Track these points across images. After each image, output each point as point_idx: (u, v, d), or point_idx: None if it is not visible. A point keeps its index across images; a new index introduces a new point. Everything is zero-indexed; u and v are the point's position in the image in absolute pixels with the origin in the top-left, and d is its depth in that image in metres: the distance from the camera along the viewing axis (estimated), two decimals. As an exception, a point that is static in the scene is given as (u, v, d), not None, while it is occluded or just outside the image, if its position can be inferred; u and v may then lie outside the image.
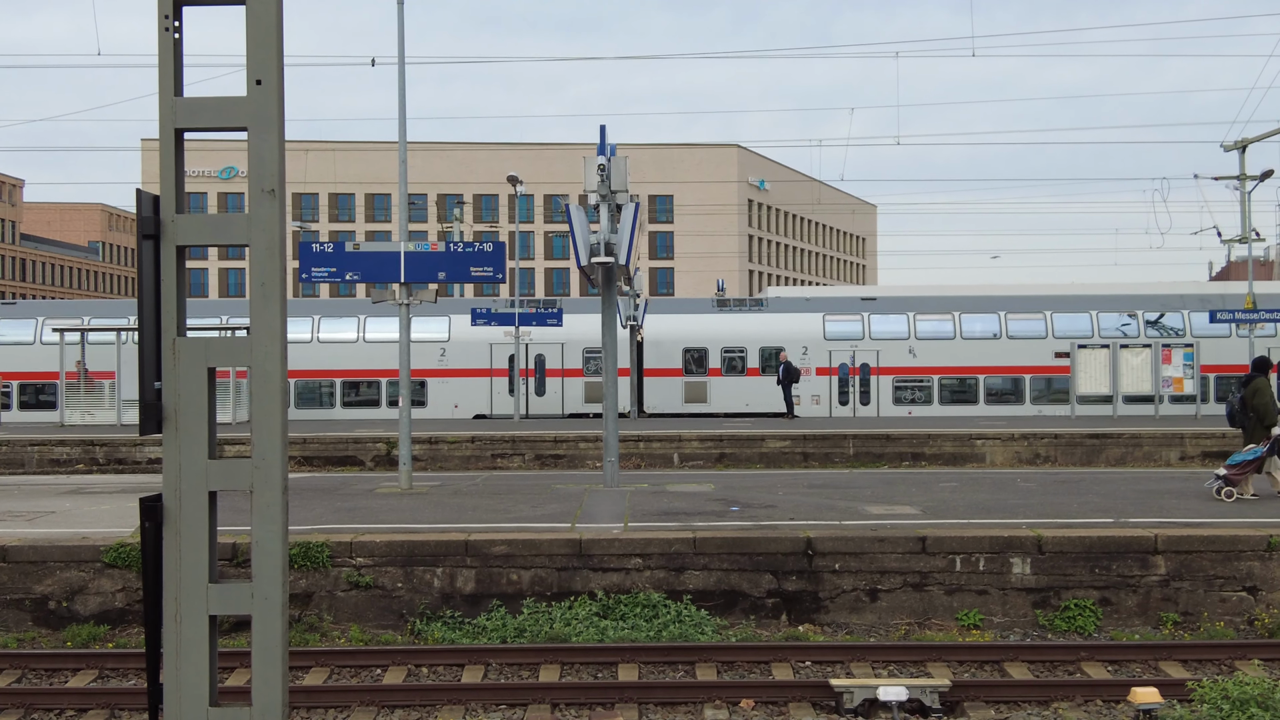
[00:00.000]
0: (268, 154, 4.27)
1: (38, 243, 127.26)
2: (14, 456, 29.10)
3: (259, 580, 4.26)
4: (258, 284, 4.28)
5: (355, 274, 19.14)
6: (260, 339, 4.27)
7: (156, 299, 4.31)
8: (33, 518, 15.44)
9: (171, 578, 4.31)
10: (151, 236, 4.30)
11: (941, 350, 41.37)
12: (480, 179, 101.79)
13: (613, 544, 13.49)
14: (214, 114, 4.31)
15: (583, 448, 30.63)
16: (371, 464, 29.55)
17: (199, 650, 4.31)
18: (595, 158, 18.28)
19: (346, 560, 13.30)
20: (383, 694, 10.81)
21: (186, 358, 4.30)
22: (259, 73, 4.24)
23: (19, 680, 11.53)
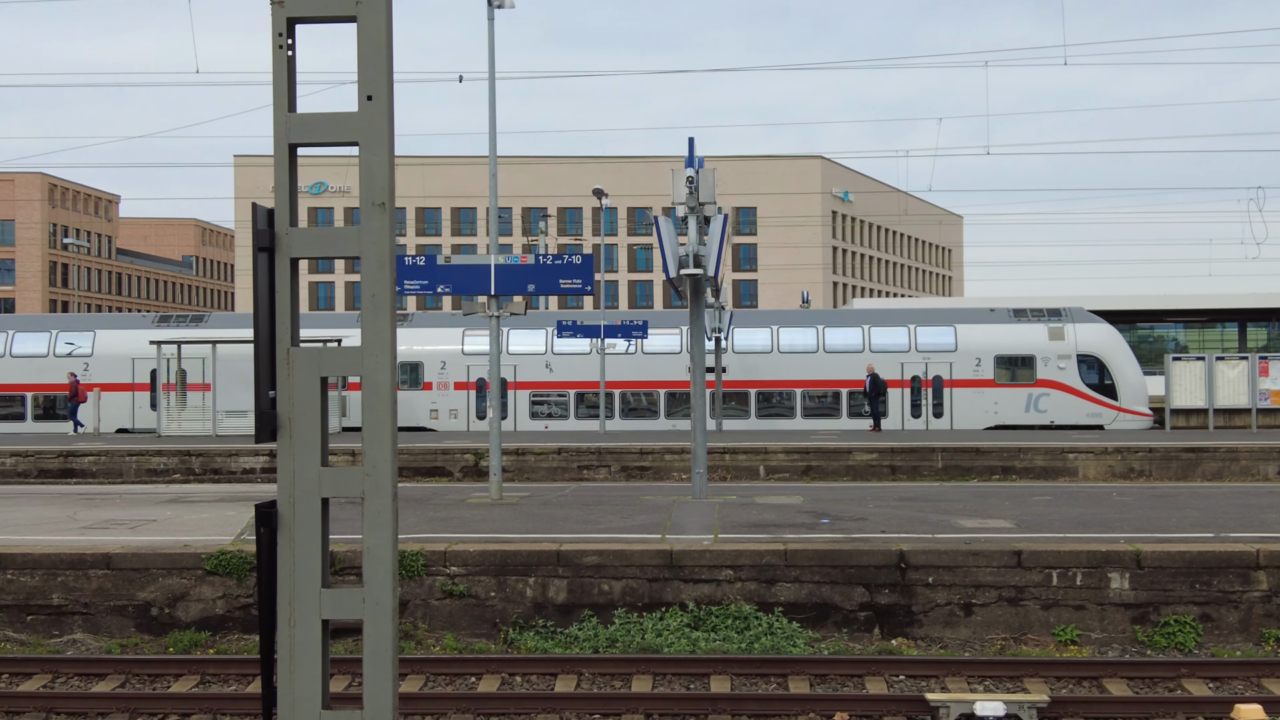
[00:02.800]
0: (378, 168, 4.35)
1: (133, 257, 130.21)
2: (113, 466, 29.77)
3: (370, 586, 4.33)
4: (368, 295, 4.36)
5: (446, 286, 19.37)
6: (371, 349, 4.35)
7: (271, 310, 4.40)
8: (135, 526, 15.80)
9: (285, 583, 4.38)
10: (266, 249, 4.40)
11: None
12: (564, 192, 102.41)
13: (703, 555, 13.50)
14: (326, 129, 4.39)
15: (668, 460, 30.65)
16: (460, 475, 29.82)
17: (311, 654, 4.38)
18: (683, 170, 18.32)
19: (441, 569, 13.45)
20: (478, 701, 10.91)
21: (300, 367, 4.38)
22: (370, 89, 4.32)
23: (123, 685, 11.79)
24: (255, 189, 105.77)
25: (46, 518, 16.72)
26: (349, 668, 11.28)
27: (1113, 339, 40.34)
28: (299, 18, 4.32)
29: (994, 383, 39.12)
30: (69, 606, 13.45)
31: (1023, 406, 39.14)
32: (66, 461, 29.84)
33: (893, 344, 40.30)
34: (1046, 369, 39.38)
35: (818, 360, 40.58)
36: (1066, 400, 39.34)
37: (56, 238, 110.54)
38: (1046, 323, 40.09)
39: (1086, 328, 40.17)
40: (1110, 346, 39.85)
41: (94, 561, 13.51)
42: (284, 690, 4.38)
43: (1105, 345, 39.64)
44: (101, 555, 13.57)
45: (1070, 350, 39.45)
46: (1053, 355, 39.38)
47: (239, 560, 13.51)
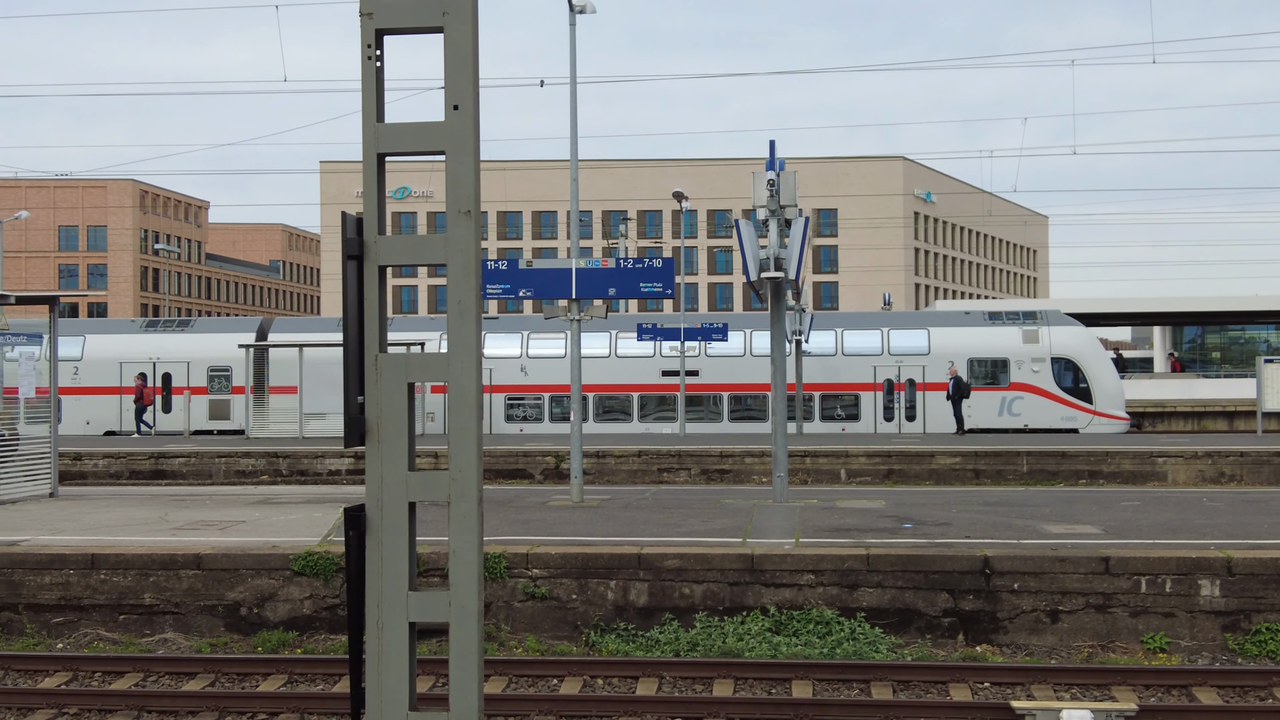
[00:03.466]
0: (464, 176, 4.40)
1: (222, 262, 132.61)
2: (202, 468, 30.35)
3: (456, 589, 4.38)
4: (454, 302, 4.41)
5: (528, 290, 19.51)
6: (457, 355, 4.40)
7: (360, 317, 4.47)
8: (224, 527, 16.10)
9: (373, 585, 4.44)
10: (355, 257, 4.47)
11: None
12: (644, 195, 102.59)
13: (784, 560, 13.46)
14: (413, 139, 4.45)
15: (748, 463, 30.58)
16: (540, 477, 29.99)
17: (399, 656, 4.44)
18: (764, 173, 18.30)
19: (523, 571, 13.54)
20: (560, 704, 10.97)
21: (388, 373, 4.45)
22: (456, 98, 4.38)
23: (213, 684, 12.02)
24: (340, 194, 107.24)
25: (138, 518, 17.10)
26: (433, 668, 11.39)
27: (1088, 342, 39.98)
28: (388, 29, 4.39)
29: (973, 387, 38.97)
30: (160, 606, 13.73)
31: (996, 410, 38.93)
32: (157, 463, 30.47)
33: (866, 347, 40.20)
34: (1020, 372, 39.15)
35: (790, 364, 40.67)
36: (1040, 404, 39.09)
37: (148, 243, 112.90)
38: (1021, 326, 39.91)
39: (1061, 330, 39.70)
40: (1085, 349, 39.46)
41: (185, 562, 13.79)
42: (372, 691, 4.45)
43: (1080, 348, 39.25)
44: (192, 556, 13.85)
45: (1045, 353, 39.12)
46: (1027, 358, 39.10)
47: (326, 561, 13.71)
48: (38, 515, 17.32)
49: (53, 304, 20.28)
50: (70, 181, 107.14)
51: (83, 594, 13.79)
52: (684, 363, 40.03)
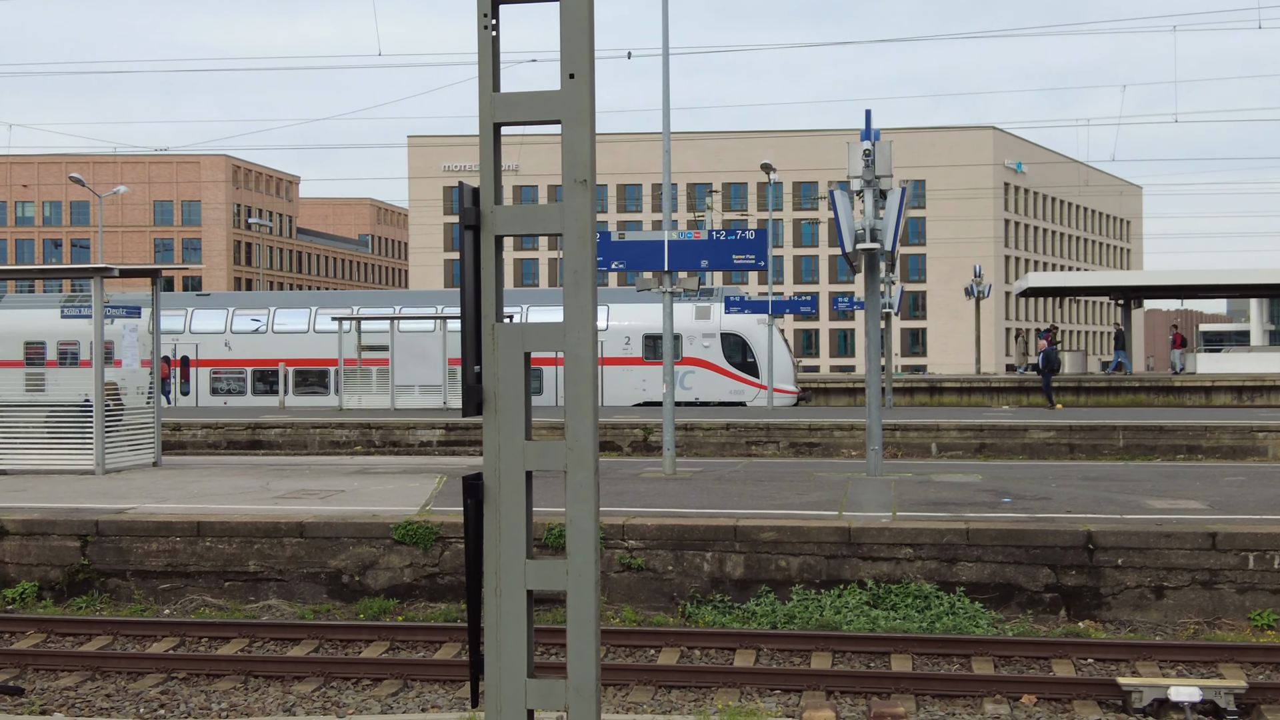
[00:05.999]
0: (580, 145, 4.38)
1: (312, 236, 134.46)
2: (298, 438, 30.85)
3: (573, 557, 4.39)
4: (570, 271, 4.40)
5: (620, 263, 19.50)
6: (573, 324, 4.39)
7: (477, 287, 4.48)
8: (325, 496, 16.35)
9: (491, 553, 4.46)
10: (472, 227, 4.47)
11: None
12: (729, 167, 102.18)
13: (882, 533, 13.36)
14: (529, 108, 4.44)
15: (837, 436, 30.41)
16: (629, 449, 30.08)
17: (517, 623, 4.45)
18: (859, 143, 18.10)
19: (619, 542, 13.59)
20: (659, 674, 11.01)
21: (505, 343, 4.46)
22: (572, 66, 4.35)
23: (317, 650, 12.22)
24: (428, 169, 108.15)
25: (241, 487, 17.42)
26: (541, 638, 11.46)
27: (755, 320, 40.80)
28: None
29: (643, 361, 39.86)
30: (264, 573, 14.00)
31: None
32: (254, 434, 31.02)
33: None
34: (692, 347, 40.50)
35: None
36: (710, 378, 40.36)
37: (240, 218, 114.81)
38: (695, 302, 40.79)
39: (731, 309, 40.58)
40: (753, 327, 40.38)
41: (288, 530, 14.03)
42: (491, 658, 4.47)
43: (747, 326, 40.12)
44: (295, 524, 14.08)
45: (715, 329, 40.52)
46: (698, 334, 40.60)
47: (424, 530, 13.87)
48: (142, 484, 17.72)
49: (154, 277, 20.68)
50: (165, 157, 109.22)
51: (189, 561, 14.09)
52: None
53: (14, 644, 12.49)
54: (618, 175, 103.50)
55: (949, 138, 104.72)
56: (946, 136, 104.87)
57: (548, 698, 4.39)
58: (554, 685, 4.38)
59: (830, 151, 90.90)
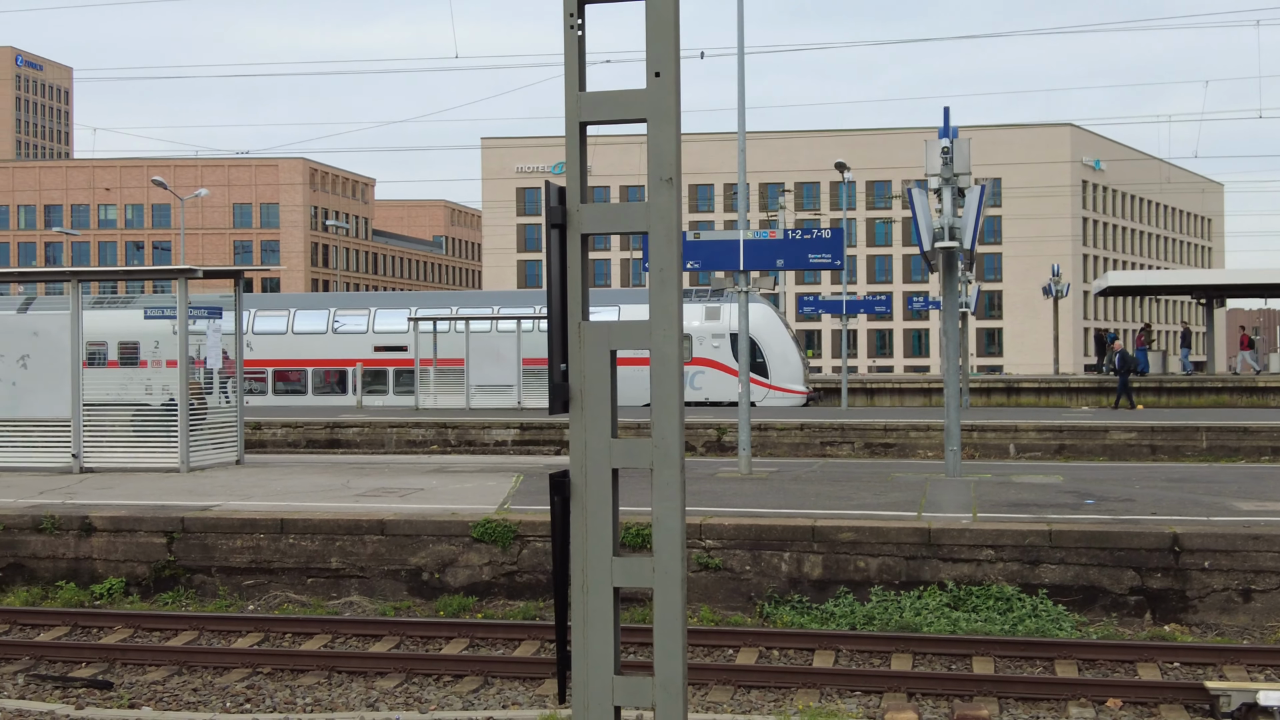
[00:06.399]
0: (665, 144, 4.38)
1: (387, 238, 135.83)
2: (375, 437, 31.20)
3: (659, 555, 4.39)
4: (656, 270, 4.40)
5: (695, 262, 19.48)
6: (659, 322, 4.40)
7: (563, 285, 4.49)
8: (404, 494, 16.51)
9: (578, 550, 4.47)
10: (558, 226, 4.48)
11: None
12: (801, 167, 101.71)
13: (962, 534, 13.23)
14: (614, 107, 4.44)
15: (913, 436, 30.19)
16: (703, 449, 30.06)
17: (604, 620, 4.45)
18: (937, 140, 17.94)
19: (696, 542, 13.59)
20: (738, 674, 10.99)
21: (591, 341, 4.47)
22: (657, 65, 4.35)
23: (398, 646, 12.35)
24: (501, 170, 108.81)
25: (322, 485, 17.64)
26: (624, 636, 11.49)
27: (765, 319, 41.27)
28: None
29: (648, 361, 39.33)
30: (346, 570, 14.16)
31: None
32: (332, 433, 31.43)
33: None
34: (702, 348, 41.04)
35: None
36: (720, 378, 40.41)
37: (318, 219, 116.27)
38: (705, 303, 41.56)
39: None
40: (763, 328, 40.57)
41: (369, 528, 14.19)
42: (578, 655, 4.48)
43: (759, 326, 39.68)
44: (376, 522, 14.24)
45: (724, 330, 40.56)
46: (708, 335, 41.22)
47: (503, 529, 13.95)
48: (226, 482, 18.00)
49: (236, 278, 21.02)
50: (243, 160, 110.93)
51: (272, 558, 14.29)
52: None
53: (102, 639, 12.76)
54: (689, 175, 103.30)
55: (1025, 135, 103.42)
56: (1023, 134, 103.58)
57: (635, 695, 4.39)
58: (641, 683, 4.38)
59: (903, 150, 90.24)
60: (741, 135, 20.45)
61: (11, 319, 21.15)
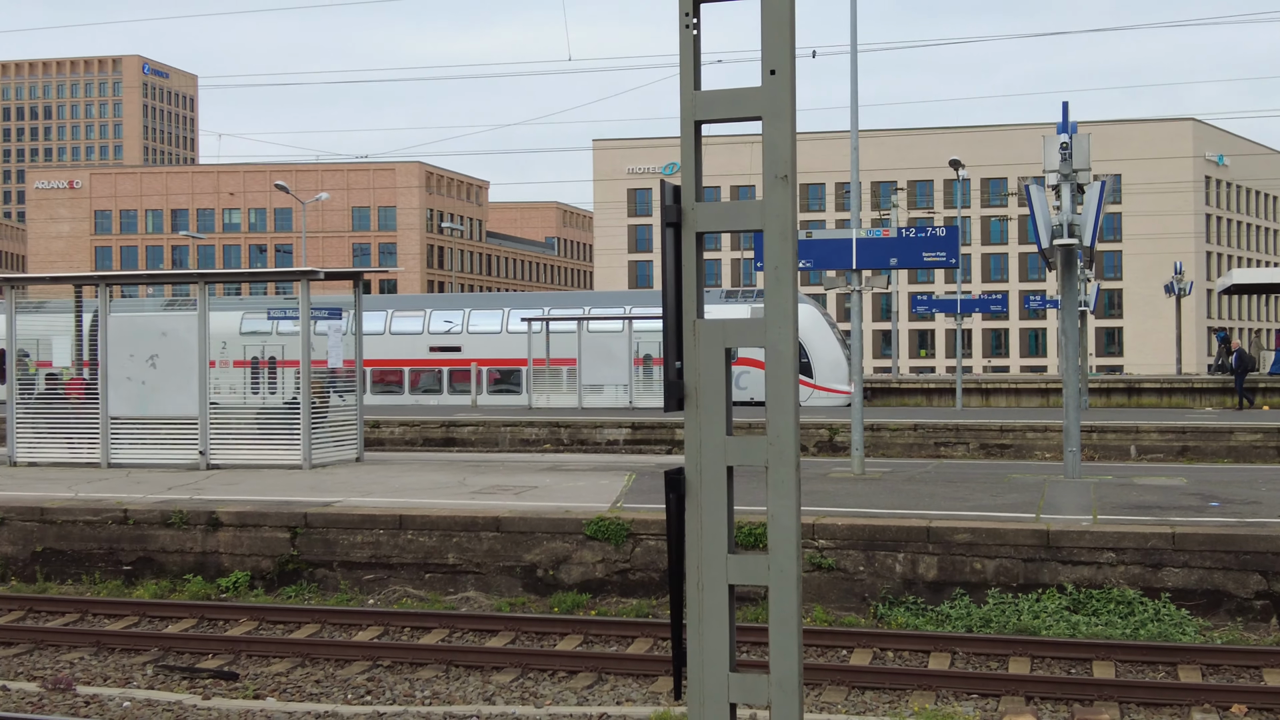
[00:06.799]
0: (780, 141, 4.38)
1: (501, 240, 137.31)
2: (489, 436, 31.61)
3: (774, 553, 4.39)
4: (771, 268, 4.41)
5: (807, 262, 19.41)
6: (774, 320, 4.40)
7: (678, 283, 4.52)
8: (519, 491, 16.70)
9: (693, 548, 4.50)
10: (674, 224, 4.51)
11: None
12: (914, 164, 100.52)
13: (1082, 536, 13.00)
14: (729, 105, 4.46)
15: (1030, 438, 29.70)
16: (815, 449, 29.92)
17: (719, 617, 4.47)
18: (1055, 136, 17.64)
19: (809, 542, 13.55)
20: (852, 674, 10.94)
21: (706, 338, 4.49)
22: (773, 63, 4.36)
23: (513, 641, 12.50)
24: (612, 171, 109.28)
25: (439, 482, 17.92)
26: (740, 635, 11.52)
27: (812, 320, 41.13)
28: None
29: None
30: (463, 566, 14.38)
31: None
32: (448, 431, 31.91)
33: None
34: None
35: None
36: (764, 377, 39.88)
37: (433, 222, 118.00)
38: (751, 303, 41.70)
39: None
40: (808, 327, 40.60)
41: (485, 525, 14.39)
42: (693, 651, 4.51)
43: (803, 327, 39.38)
44: (491, 519, 14.43)
45: None
46: None
47: (616, 527, 14.05)
48: (346, 479, 18.38)
49: (356, 280, 21.46)
50: (362, 164, 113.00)
51: (391, 553, 14.57)
52: None
53: (228, 631, 13.12)
54: (801, 174, 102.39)
55: (1146, 130, 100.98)
56: (1143, 129, 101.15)
57: (750, 692, 4.40)
58: (757, 680, 4.39)
59: (1019, 146, 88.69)
60: (854, 133, 20.32)
61: (141, 319, 21.82)
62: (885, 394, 48.63)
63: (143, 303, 33.30)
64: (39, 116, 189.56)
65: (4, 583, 15.48)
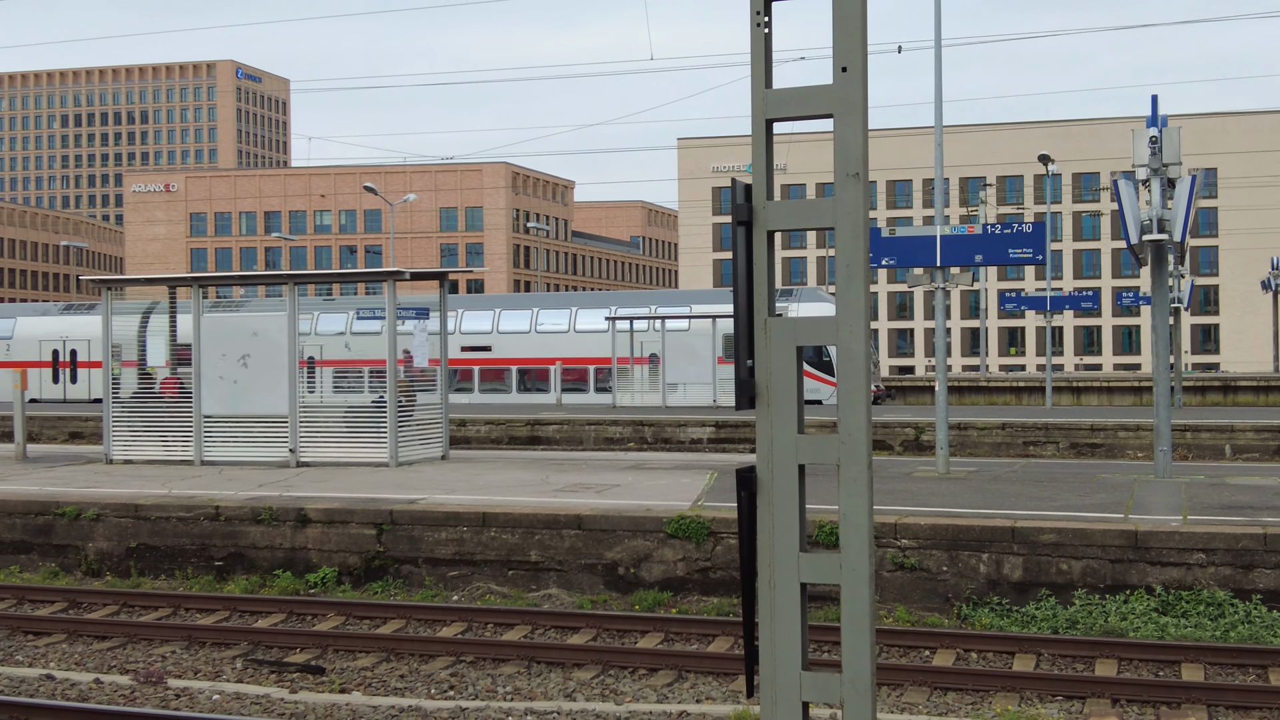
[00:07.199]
0: (852, 139, 4.36)
1: (586, 239, 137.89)
2: (574, 434, 31.78)
3: (847, 552, 4.37)
4: (843, 265, 4.39)
5: (891, 259, 19.27)
6: (846, 318, 4.38)
7: (749, 282, 4.53)
8: (601, 490, 16.78)
9: (765, 546, 4.50)
10: (744, 223, 4.52)
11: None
12: (1002, 160, 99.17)
13: (1171, 537, 12.77)
14: (800, 103, 4.45)
15: (1122, 437, 29.23)
16: (900, 449, 29.68)
17: (791, 615, 4.46)
18: (1144, 130, 17.33)
19: (891, 541, 13.45)
20: (934, 675, 10.85)
21: (777, 337, 4.49)
22: (844, 60, 4.35)
23: (595, 638, 12.58)
24: (696, 170, 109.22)
25: (522, 480, 18.07)
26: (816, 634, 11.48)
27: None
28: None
29: (723, 360, 39.28)
30: (545, 563, 14.49)
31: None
32: (533, 430, 32.14)
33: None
34: None
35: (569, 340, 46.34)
36: None
37: (519, 222, 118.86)
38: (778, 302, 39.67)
39: (809, 306, 40.87)
40: None
41: (566, 522, 14.48)
42: (765, 650, 4.51)
43: None
44: (573, 517, 14.52)
45: None
46: None
47: (697, 525, 14.07)
48: (432, 476, 18.60)
49: (442, 279, 21.70)
50: (449, 166, 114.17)
51: (475, 550, 14.72)
52: None
53: (316, 626, 13.34)
54: (887, 171, 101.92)
55: (1242, 123, 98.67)
56: (1240, 122, 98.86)
57: (823, 690, 4.39)
58: (829, 678, 4.38)
59: (1112, 140, 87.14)
60: (938, 128, 20.13)
61: (233, 320, 22.25)
62: (973, 392, 48.13)
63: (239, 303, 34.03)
64: (136, 121, 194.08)
65: (99, 578, 15.90)
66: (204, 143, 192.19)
